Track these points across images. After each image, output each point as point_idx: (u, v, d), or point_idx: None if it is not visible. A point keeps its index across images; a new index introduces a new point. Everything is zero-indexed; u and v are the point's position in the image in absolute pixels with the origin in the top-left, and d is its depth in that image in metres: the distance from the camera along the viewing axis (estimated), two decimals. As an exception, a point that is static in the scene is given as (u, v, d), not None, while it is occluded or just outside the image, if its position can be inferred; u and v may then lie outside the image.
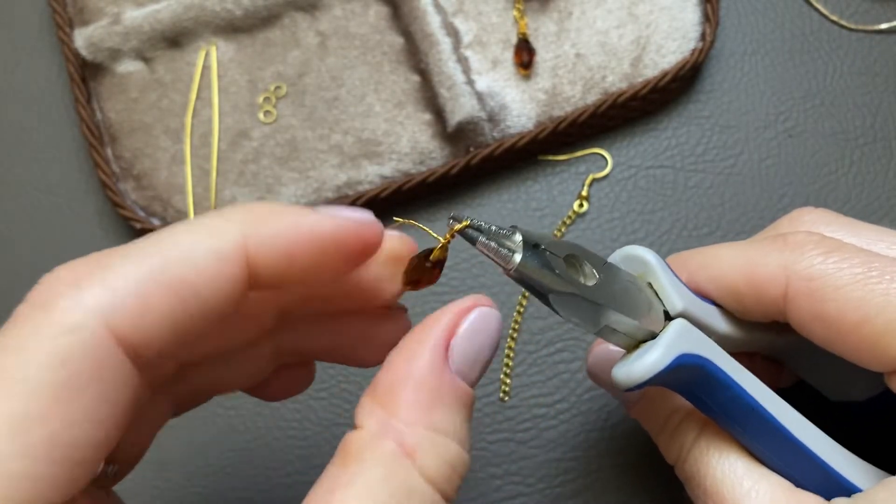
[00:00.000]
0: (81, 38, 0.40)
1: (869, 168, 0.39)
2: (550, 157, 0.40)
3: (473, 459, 0.35)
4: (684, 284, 0.26)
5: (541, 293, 0.22)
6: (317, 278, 0.21)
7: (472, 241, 0.22)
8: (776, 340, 0.28)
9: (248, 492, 0.35)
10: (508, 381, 0.37)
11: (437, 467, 0.20)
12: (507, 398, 0.36)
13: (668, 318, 0.25)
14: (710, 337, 0.26)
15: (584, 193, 0.39)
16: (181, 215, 0.38)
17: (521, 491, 0.35)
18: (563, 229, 0.39)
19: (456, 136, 0.38)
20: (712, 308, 0.27)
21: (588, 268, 0.24)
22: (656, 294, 0.25)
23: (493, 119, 0.39)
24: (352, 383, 0.37)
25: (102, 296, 0.17)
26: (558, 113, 0.39)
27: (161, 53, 0.40)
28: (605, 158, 0.40)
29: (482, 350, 0.21)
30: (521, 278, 0.22)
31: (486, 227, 0.22)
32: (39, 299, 0.17)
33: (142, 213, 0.38)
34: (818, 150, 0.40)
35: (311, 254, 0.20)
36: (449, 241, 0.22)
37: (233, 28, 0.41)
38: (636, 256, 0.26)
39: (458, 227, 0.22)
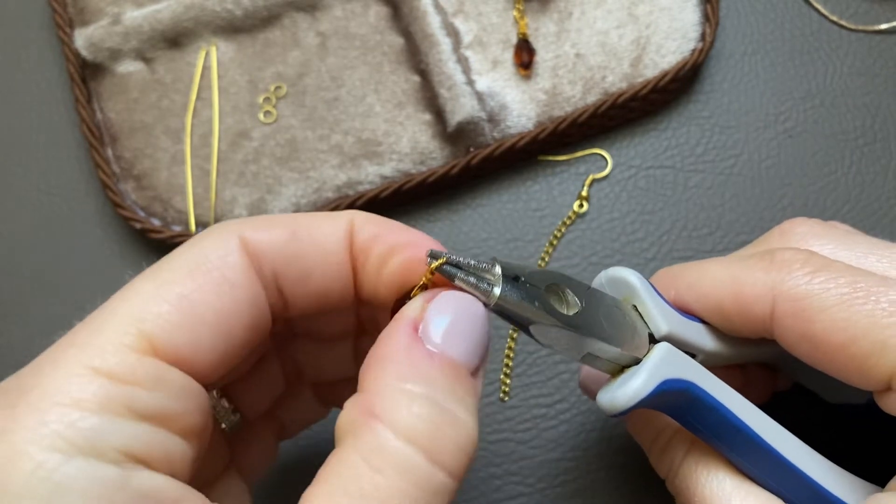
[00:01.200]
0: (82, 39, 0.40)
1: (868, 168, 0.39)
2: (550, 158, 0.40)
3: (473, 459, 0.35)
4: (670, 305, 0.26)
5: (522, 325, 0.23)
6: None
7: (451, 278, 0.22)
8: (766, 351, 0.28)
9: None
10: (508, 381, 0.37)
11: (410, 422, 0.19)
12: (507, 398, 0.36)
13: (654, 340, 0.25)
14: (698, 355, 0.26)
15: (584, 194, 0.39)
16: (181, 215, 0.38)
17: (521, 491, 0.35)
18: (562, 229, 0.39)
19: (456, 136, 0.38)
20: (699, 326, 0.27)
21: (571, 296, 0.24)
22: (641, 316, 0.25)
23: (493, 119, 0.39)
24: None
25: (242, 224, 0.23)
26: (558, 113, 0.39)
27: (161, 54, 0.41)
28: (605, 159, 0.40)
29: (461, 323, 0.21)
30: (501, 311, 0.22)
31: (465, 262, 0.22)
32: (205, 230, 0.23)
33: (142, 214, 0.38)
34: (818, 150, 0.40)
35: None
36: (430, 280, 0.23)
37: (233, 28, 0.41)
38: (620, 279, 0.26)
39: (435, 264, 0.22)
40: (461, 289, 0.22)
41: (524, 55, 0.39)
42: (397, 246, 0.23)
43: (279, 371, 0.28)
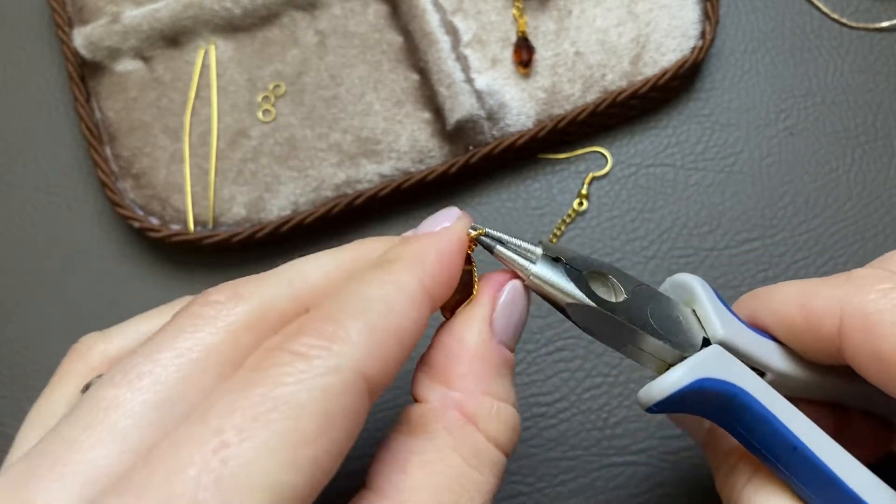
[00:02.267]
0: (80, 37, 0.40)
1: (870, 166, 0.39)
2: (550, 156, 0.40)
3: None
4: (735, 315, 0.25)
5: (559, 305, 0.23)
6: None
7: (490, 250, 0.23)
8: (851, 389, 0.26)
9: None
10: (508, 380, 0.36)
11: (498, 430, 0.22)
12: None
13: (708, 346, 0.24)
14: (767, 374, 0.25)
15: (583, 192, 0.39)
16: (180, 214, 0.38)
17: (520, 490, 0.35)
18: (562, 228, 0.39)
19: (455, 134, 0.38)
20: (771, 344, 0.25)
21: (616, 286, 0.24)
22: (700, 322, 0.25)
23: (492, 117, 0.39)
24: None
25: (357, 345, 0.20)
26: (558, 111, 0.39)
27: (160, 52, 0.40)
28: (605, 157, 0.40)
29: (518, 318, 0.23)
30: (537, 288, 0.23)
31: (507, 238, 0.23)
32: (301, 346, 0.19)
33: (140, 212, 0.38)
34: (819, 148, 0.40)
35: (457, 268, 0.23)
36: (472, 251, 0.24)
37: (232, 27, 0.41)
38: (683, 283, 0.26)
39: (474, 234, 0.23)
40: (500, 259, 0.23)
41: (523, 53, 0.39)
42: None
43: None
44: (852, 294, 0.23)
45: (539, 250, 0.23)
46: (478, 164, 0.38)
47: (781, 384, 0.25)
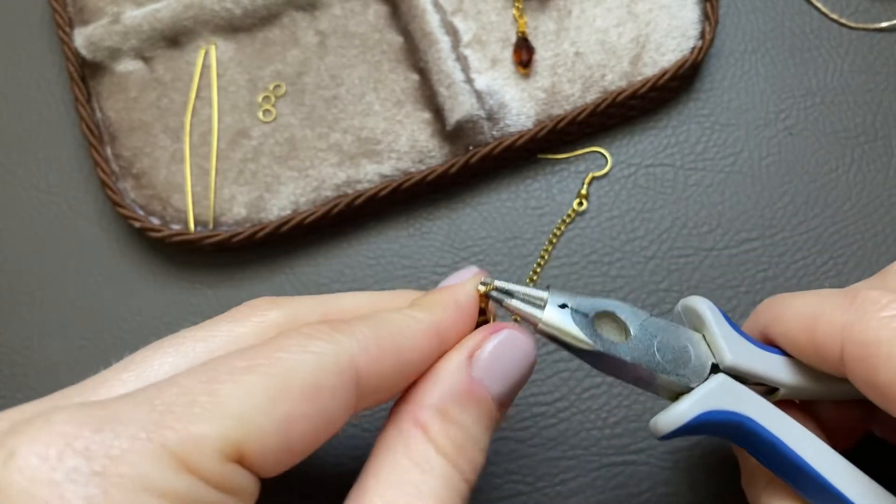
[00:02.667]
0: (81, 38, 0.40)
1: (869, 166, 0.39)
2: (550, 156, 0.40)
3: (473, 458, 0.35)
4: (745, 336, 0.26)
5: (570, 348, 0.24)
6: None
7: (500, 302, 0.25)
8: (854, 391, 0.26)
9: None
10: (508, 379, 0.36)
11: (448, 444, 0.22)
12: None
13: (719, 371, 0.25)
14: (780, 389, 0.26)
15: (583, 192, 0.39)
16: (180, 214, 0.38)
17: (520, 490, 0.35)
18: (562, 228, 0.39)
19: (455, 134, 0.38)
20: (782, 359, 0.26)
21: (622, 324, 0.25)
22: (710, 347, 0.26)
23: (492, 118, 0.39)
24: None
25: (357, 341, 0.22)
26: (558, 111, 0.39)
27: (161, 52, 0.41)
28: (605, 157, 0.40)
29: (508, 365, 0.24)
30: (548, 336, 0.24)
31: (516, 289, 0.25)
32: (320, 329, 0.22)
33: (141, 212, 0.38)
34: (818, 148, 0.40)
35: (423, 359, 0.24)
36: (486, 309, 0.26)
37: (232, 27, 0.41)
38: (691, 308, 0.27)
39: (483, 290, 0.25)
40: (511, 311, 0.25)
41: (523, 53, 0.39)
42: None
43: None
44: (854, 322, 0.23)
45: (546, 295, 0.25)
46: (478, 164, 0.38)
47: (794, 394, 0.26)
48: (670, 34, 0.39)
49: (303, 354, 0.21)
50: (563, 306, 0.24)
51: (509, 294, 0.25)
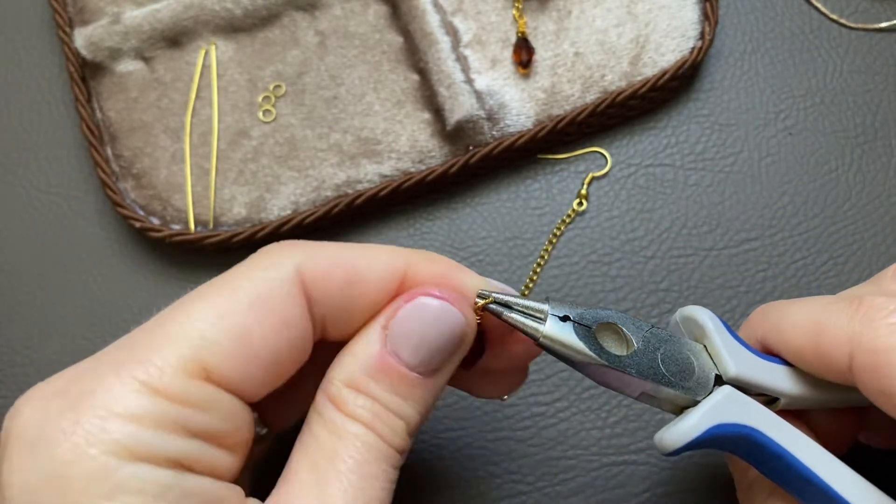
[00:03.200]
0: (81, 38, 0.40)
1: (869, 166, 0.39)
2: (550, 156, 0.40)
3: (473, 458, 0.35)
4: (746, 346, 0.25)
5: (571, 362, 0.23)
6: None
7: (498, 316, 0.24)
8: (858, 397, 0.26)
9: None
10: (508, 379, 0.36)
11: (361, 412, 0.23)
12: (506, 397, 0.36)
13: (723, 382, 0.25)
14: (781, 399, 0.25)
15: (583, 192, 0.39)
16: (180, 214, 0.38)
17: (520, 490, 0.35)
18: (562, 228, 0.39)
19: (455, 134, 0.38)
20: (783, 368, 0.26)
21: (626, 336, 0.24)
22: (712, 357, 0.25)
23: (492, 118, 0.39)
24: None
25: (304, 256, 0.23)
26: (557, 111, 0.39)
27: (161, 53, 0.41)
28: (605, 157, 0.40)
29: (424, 332, 0.23)
30: (549, 349, 0.23)
31: (515, 301, 0.24)
32: (263, 250, 0.24)
33: (141, 212, 0.38)
34: (818, 148, 0.40)
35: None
36: (479, 319, 0.24)
37: (232, 27, 0.41)
38: (692, 318, 0.26)
39: (481, 303, 0.24)
40: (510, 325, 0.24)
41: (523, 54, 0.39)
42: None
43: (312, 386, 0.28)
44: (862, 330, 0.23)
45: (547, 308, 0.23)
46: (478, 165, 0.38)
47: (793, 404, 0.26)
48: (670, 34, 0.40)
49: (249, 271, 0.23)
50: (565, 318, 0.23)
51: (507, 307, 0.24)
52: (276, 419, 0.28)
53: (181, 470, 0.21)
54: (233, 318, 0.22)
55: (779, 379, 0.25)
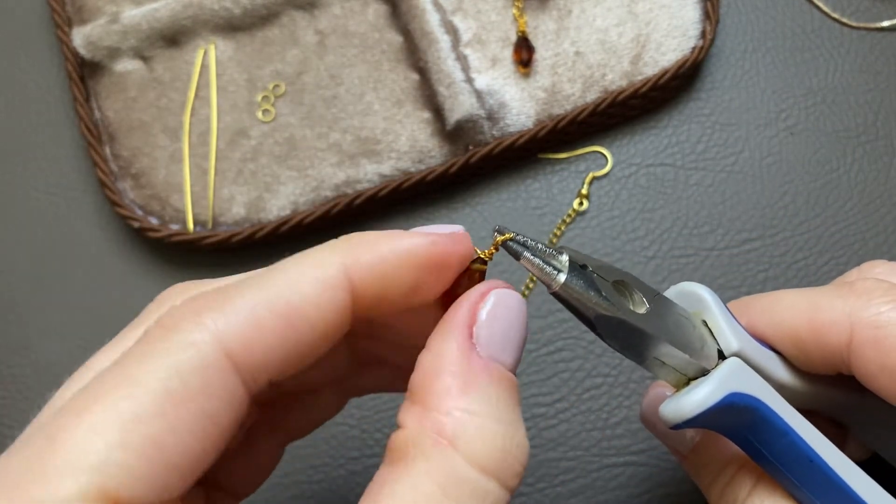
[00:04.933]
0: (80, 37, 0.40)
1: (871, 166, 0.39)
2: (550, 156, 0.40)
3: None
4: (742, 327, 0.25)
5: (586, 316, 0.22)
6: (415, 297, 0.21)
7: (517, 256, 0.21)
8: (840, 398, 0.26)
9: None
10: (508, 380, 0.36)
11: (484, 451, 0.19)
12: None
13: (723, 357, 0.24)
14: (769, 383, 0.25)
15: (584, 192, 0.39)
16: (179, 214, 0.38)
17: (520, 491, 0.35)
18: (562, 228, 0.39)
19: (455, 134, 0.38)
20: (772, 356, 0.25)
21: (638, 296, 0.23)
22: (711, 333, 0.24)
23: (492, 117, 0.39)
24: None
25: (220, 320, 0.19)
26: (558, 111, 0.39)
27: (159, 52, 0.40)
28: (605, 156, 0.40)
29: (508, 330, 0.21)
30: (565, 298, 0.21)
31: (533, 243, 0.21)
32: (167, 322, 0.19)
33: (140, 212, 0.38)
34: (819, 147, 0.40)
35: (410, 274, 0.21)
36: (492, 255, 0.22)
37: (231, 27, 0.41)
38: (692, 293, 0.25)
39: (500, 238, 0.21)
40: (527, 267, 0.21)
41: (523, 53, 0.39)
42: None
43: (266, 448, 0.26)
44: (861, 307, 0.23)
45: (566, 258, 0.22)
46: (478, 164, 0.38)
47: (782, 394, 0.25)
48: (671, 34, 0.39)
49: (155, 360, 0.18)
50: (584, 267, 0.22)
51: (525, 247, 0.21)
52: (237, 482, 0.25)
53: None
54: (139, 426, 0.17)
55: (770, 364, 0.25)
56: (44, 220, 0.40)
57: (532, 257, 0.21)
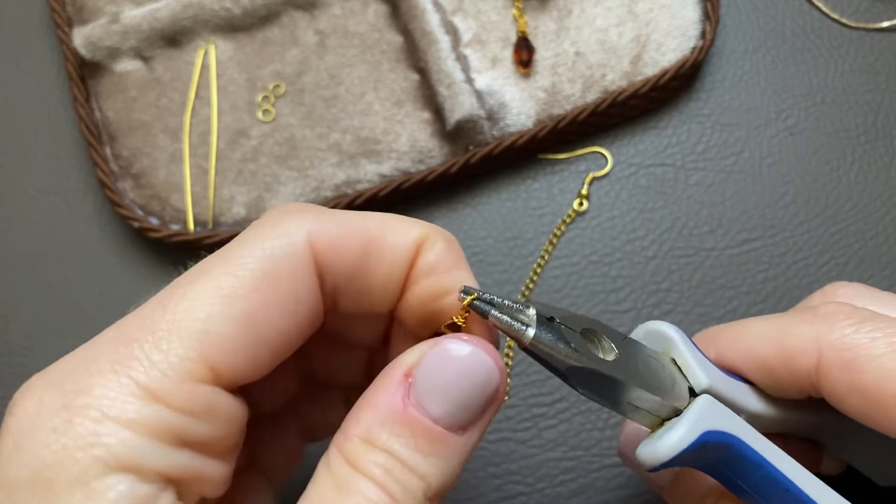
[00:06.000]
0: (80, 37, 0.40)
1: (870, 166, 0.39)
2: (550, 156, 0.40)
3: (473, 459, 0.35)
4: (710, 361, 0.25)
5: (557, 369, 0.22)
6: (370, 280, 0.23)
7: (484, 315, 0.22)
8: (812, 419, 0.27)
9: None
10: (508, 380, 0.36)
11: (373, 468, 0.20)
12: (506, 397, 0.36)
13: (694, 394, 0.24)
14: (741, 414, 0.25)
15: (584, 192, 0.39)
16: (179, 214, 0.38)
17: (520, 490, 0.35)
18: (562, 228, 0.39)
19: (455, 134, 0.38)
20: (743, 386, 0.25)
21: (606, 342, 0.23)
22: (680, 370, 0.24)
23: (492, 117, 0.39)
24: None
25: (314, 222, 0.22)
26: (558, 111, 0.39)
27: (160, 52, 0.40)
28: (605, 157, 0.40)
29: (452, 386, 0.21)
30: (536, 353, 0.22)
31: (499, 300, 0.22)
32: (271, 214, 0.22)
33: (140, 212, 0.38)
34: (819, 148, 0.40)
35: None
36: (465, 318, 0.23)
37: (232, 27, 0.41)
38: (658, 332, 0.25)
39: (468, 299, 0.22)
40: (495, 326, 0.22)
41: (523, 53, 0.39)
42: (450, 287, 0.23)
43: (295, 370, 0.27)
44: (827, 330, 0.23)
45: (533, 311, 0.22)
46: (478, 164, 0.38)
47: (754, 422, 0.25)
48: (671, 34, 0.39)
49: (255, 242, 0.21)
50: (551, 319, 0.22)
51: (492, 305, 0.22)
52: (263, 402, 0.27)
53: (166, 487, 0.19)
54: (238, 302, 0.20)
55: (740, 395, 0.25)
56: (44, 220, 0.40)
57: (499, 315, 0.21)
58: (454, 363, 0.21)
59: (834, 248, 0.38)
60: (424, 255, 0.23)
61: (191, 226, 0.38)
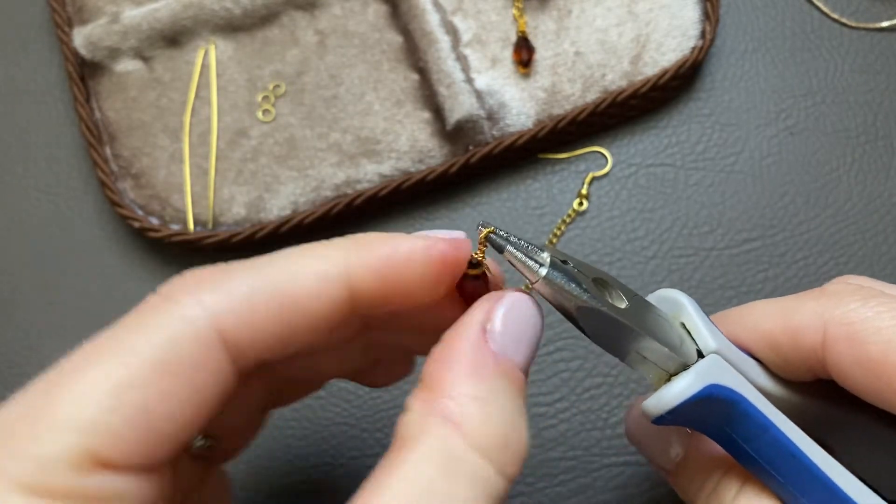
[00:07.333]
0: (80, 37, 0.40)
1: (870, 166, 0.39)
2: (550, 156, 0.40)
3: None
4: (720, 331, 0.25)
5: (567, 309, 0.22)
6: (414, 298, 0.22)
7: (500, 249, 0.22)
8: (820, 410, 0.26)
9: (248, 492, 0.35)
10: (508, 380, 0.36)
11: (487, 436, 0.19)
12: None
13: (702, 357, 0.24)
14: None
15: (583, 192, 0.39)
16: (180, 214, 0.38)
17: (520, 490, 0.35)
18: (562, 228, 0.39)
19: (455, 134, 0.38)
20: (751, 361, 0.25)
21: (617, 293, 0.23)
22: (689, 335, 0.24)
23: (492, 117, 0.39)
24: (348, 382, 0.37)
25: (216, 298, 0.20)
26: (558, 111, 0.39)
27: (160, 52, 0.40)
28: (605, 157, 0.40)
29: (521, 331, 0.21)
30: (547, 291, 0.22)
31: (515, 239, 0.22)
32: (166, 293, 0.20)
33: (140, 212, 0.38)
34: (819, 147, 0.40)
35: (409, 276, 0.22)
36: (483, 252, 0.23)
37: (232, 27, 0.41)
38: (669, 298, 0.25)
39: (485, 231, 0.22)
40: (509, 261, 0.22)
41: (523, 53, 0.39)
42: (411, 249, 0.22)
43: (257, 400, 0.26)
44: (832, 306, 0.24)
45: (546, 254, 0.22)
46: (478, 164, 0.38)
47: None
48: (671, 33, 0.39)
49: (149, 325, 0.19)
50: (564, 262, 0.22)
51: (509, 242, 0.22)
52: (225, 430, 0.25)
53: None
54: (129, 392, 0.18)
55: (748, 367, 0.25)
56: (44, 220, 0.40)
57: (514, 251, 0.22)
58: (526, 311, 0.22)
59: (834, 248, 0.38)
60: (362, 275, 0.21)
61: (191, 226, 0.38)
